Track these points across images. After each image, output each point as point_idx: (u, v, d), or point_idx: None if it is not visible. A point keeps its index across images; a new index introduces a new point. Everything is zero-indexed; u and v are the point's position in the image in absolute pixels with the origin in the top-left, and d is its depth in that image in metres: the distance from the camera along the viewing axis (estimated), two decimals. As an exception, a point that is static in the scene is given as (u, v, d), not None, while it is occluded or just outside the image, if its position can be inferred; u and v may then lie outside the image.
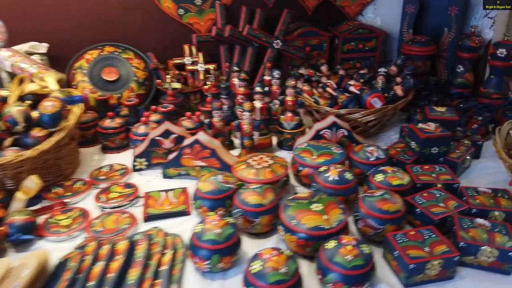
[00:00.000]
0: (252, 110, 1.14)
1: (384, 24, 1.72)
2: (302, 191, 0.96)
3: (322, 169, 1.01)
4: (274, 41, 1.54)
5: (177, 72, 1.58)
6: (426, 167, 1.07)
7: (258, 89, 1.20)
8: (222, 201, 0.93)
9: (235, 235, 0.80)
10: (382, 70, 1.43)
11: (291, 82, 1.24)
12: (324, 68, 1.52)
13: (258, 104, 1.20)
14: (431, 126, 1.13)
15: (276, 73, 1.35)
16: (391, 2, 1.64)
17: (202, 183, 0.96)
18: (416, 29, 1.63)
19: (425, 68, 1.52)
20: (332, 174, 0.97)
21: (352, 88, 1.34)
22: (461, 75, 1.51)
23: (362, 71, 1.47)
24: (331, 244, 0.76)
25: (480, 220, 0.86)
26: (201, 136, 1.10)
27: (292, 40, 1.58)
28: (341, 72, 1.51)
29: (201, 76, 1.58)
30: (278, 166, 1.03)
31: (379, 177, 0.98)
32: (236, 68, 1.41)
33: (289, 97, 1.25)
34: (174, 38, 1.59)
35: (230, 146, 1.26)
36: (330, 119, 1.19)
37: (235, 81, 1.41)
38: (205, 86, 1.39)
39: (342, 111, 1.28)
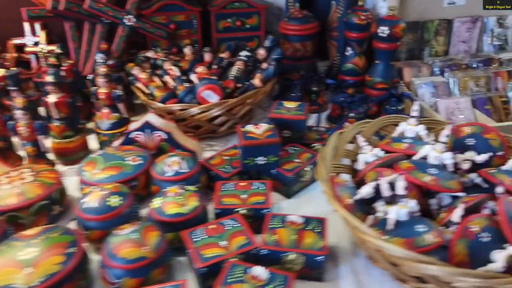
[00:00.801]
0: (26, 107, 0.87)
1: (276, -4, 1.45)
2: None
3: (86, 190, 0.76)
4: (124, 16, 1.27)
5: (15, 55, 1.32)
6: (243, 184, 0.82)
7: (49, 78, 0.93)
8: None
9: None
10: (242, 54, 1.17)
11: (100, 69, 0.97)
12: (187, 50, 1.24)
13: (51, 98, 0.94)
14: (261, 128, 0.87)
15: (99, 57, 1.08)
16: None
17: None
18: (307, 2, 1.36)
19: (305, 51, 1.25)
20: (91, 199, 0.72)
21: (193, 77, 1.08)
22: (350, 60, 1.24)
23: (221, 55, 1.20)
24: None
25: (256, 270, 0.61)
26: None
27: (151, 16, 1.30)
28: (207, 55, 1.24)
29: (43, 60, 1.30)
30: (37, 185, 0.77)
31: (156, 203, 0.73)
32: (58, 51, 1.14)
33: (101, 88, 0.99)
34: (11, 12, 1.31)
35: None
36: (145, 118, 0.93)
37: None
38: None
39: (176, 106, 1.02)
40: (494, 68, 1.17)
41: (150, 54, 1.21)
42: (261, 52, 1.19)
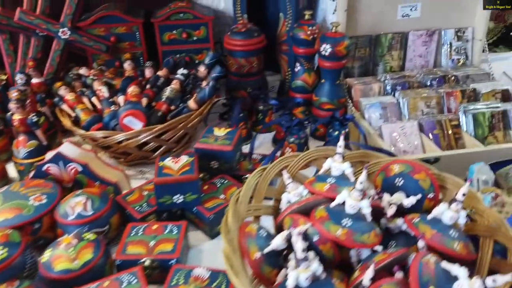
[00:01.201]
0: None
1: (228, 6, 1.37)
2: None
3: (-26, 239, 0.68)
4: (59, 29, 1.18)
5: None
6: (155, 226, 0.75)
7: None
8: None
9: None
10: (180, 72, 1.09)
11: (13, 93, 0.89)
12: (127, 65, 1.16)
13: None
14: (179, 162, 0.80)
15: (19, 77, 1.00)
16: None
17: None
18: (257, 14, 1.28)
19: (251, 67, 1.17)
20: (-28, 252, 0.65)
21: (121, 99, 1.00)
22: (299, 76, 1.17)
23: (159, 72, 1.12)
24: None
25: None
26: None
27: (89, 28, 1.22)
28: (148, 71, 1.16)
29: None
30: None
31: (46, 256, 0.66)
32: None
33: (15, 114, 0.91)
34: None
35: None
36: (59, 148, 0.86)
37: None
38: None
39: (99, 133, 0.94)
40: (448, 87, 1.10)
41: (82, 71, 1.13)
42: (201, 70, 1.11)
